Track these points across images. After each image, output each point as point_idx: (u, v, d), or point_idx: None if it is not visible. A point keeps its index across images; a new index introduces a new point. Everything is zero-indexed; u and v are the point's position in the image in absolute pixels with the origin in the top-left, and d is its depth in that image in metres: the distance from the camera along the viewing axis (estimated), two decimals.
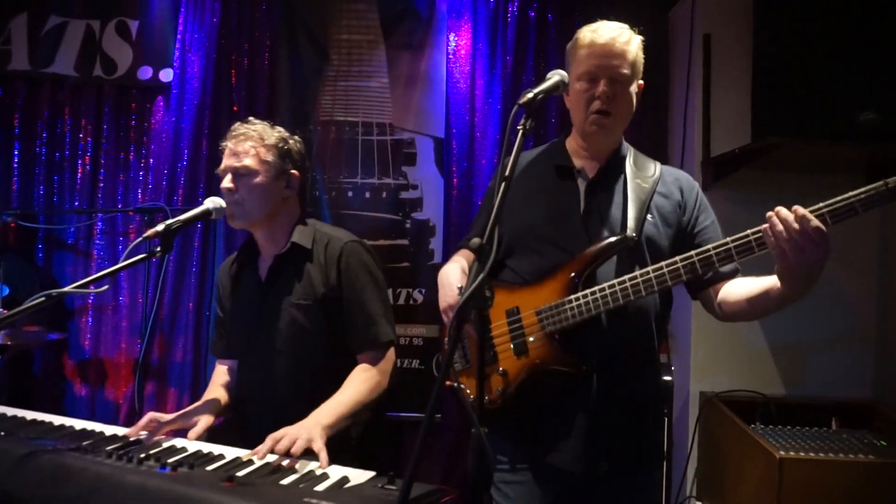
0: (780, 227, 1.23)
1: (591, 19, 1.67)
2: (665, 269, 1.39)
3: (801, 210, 1.23)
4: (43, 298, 1.25)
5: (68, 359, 2.97)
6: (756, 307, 1.44)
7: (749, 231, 1.34)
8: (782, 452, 2.08)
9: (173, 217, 2.79)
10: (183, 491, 1.05)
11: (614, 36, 1.51)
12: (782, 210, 1.25)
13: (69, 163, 3.01)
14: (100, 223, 3.02)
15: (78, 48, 2.98)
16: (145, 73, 3.01)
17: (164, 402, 2.96)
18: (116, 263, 2.94)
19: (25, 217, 2.85)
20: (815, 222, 1.22)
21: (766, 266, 1.43)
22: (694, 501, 2.67)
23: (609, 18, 1.64)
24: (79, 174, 3.01)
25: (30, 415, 1.64)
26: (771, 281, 1.38)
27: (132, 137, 3.05)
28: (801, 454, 2.09)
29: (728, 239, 1.36)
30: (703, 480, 2.69)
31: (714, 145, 2.78)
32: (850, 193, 1.25)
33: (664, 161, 2.92)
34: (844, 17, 2.28)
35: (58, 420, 1.59)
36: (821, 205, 1.26)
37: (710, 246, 1.37)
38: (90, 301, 2.94)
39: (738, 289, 1.48)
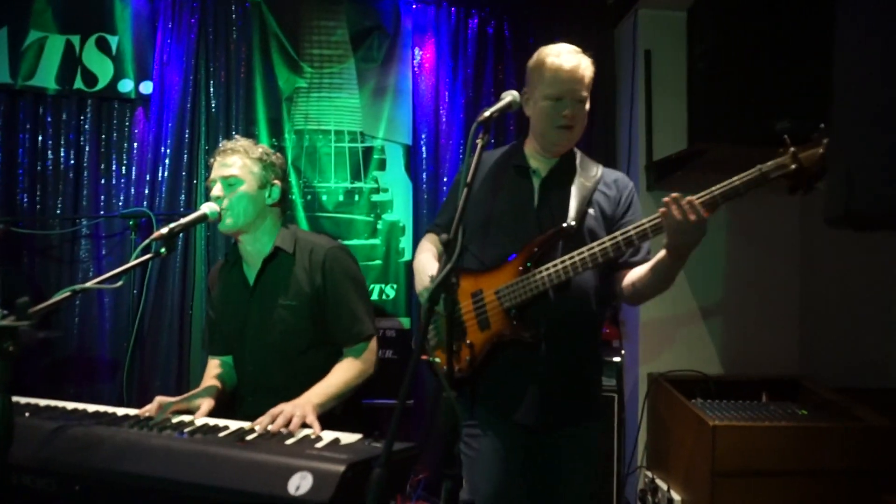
0: (673, 208, 1.50)
1: (545, 35, 1.89)
2: (594, 250, 1.63)
3: (689, 197, 1.50)
4: (69, 293, 1.42)
5: (54, 357, 3.04)
6: (656, 279, 1.66)
7: (645, 220, 1.61)
8: (716, 421, 2.36)
9: (157, 221, 2.97)
10: (204, 448, 1.24)
11: (577, 63, 1.74)
12: (676, 194, 1.51)
13: (52, 172, 3.07)
14: (83, 229, 3.12)
15: (58, 62, 3.07)
16: (126, 85, 3.12)
17: (150, 399, 3.09)
18: (100, 266, 3.10)
19: (14, 224, 2.93)
20: (698, 206, 1.49)
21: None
22: (644, 471, 2.93)
23: (560, 35, 1.87)
24: (61, 183, 3.07)
25: (42, 402, 1.80)
26: (659, 257, 1.63)
27: (113, 147, 3.14)
28: (732, 422, 2.38)
29: (631, 227, 1.63)
30: (651, 452, 2.96)
31: (656, 149, 3.05)
32: (734, 178, 1.54)
33: (613, 164, 3.22)
34: (764, 36, 2.58)
35: (70, 405, 1.75)
36: (713, 188, 1.54)
37: (618, 232, 1.63)
38: (76, 301, 3.05)
39: (638, 270, 1.73)
